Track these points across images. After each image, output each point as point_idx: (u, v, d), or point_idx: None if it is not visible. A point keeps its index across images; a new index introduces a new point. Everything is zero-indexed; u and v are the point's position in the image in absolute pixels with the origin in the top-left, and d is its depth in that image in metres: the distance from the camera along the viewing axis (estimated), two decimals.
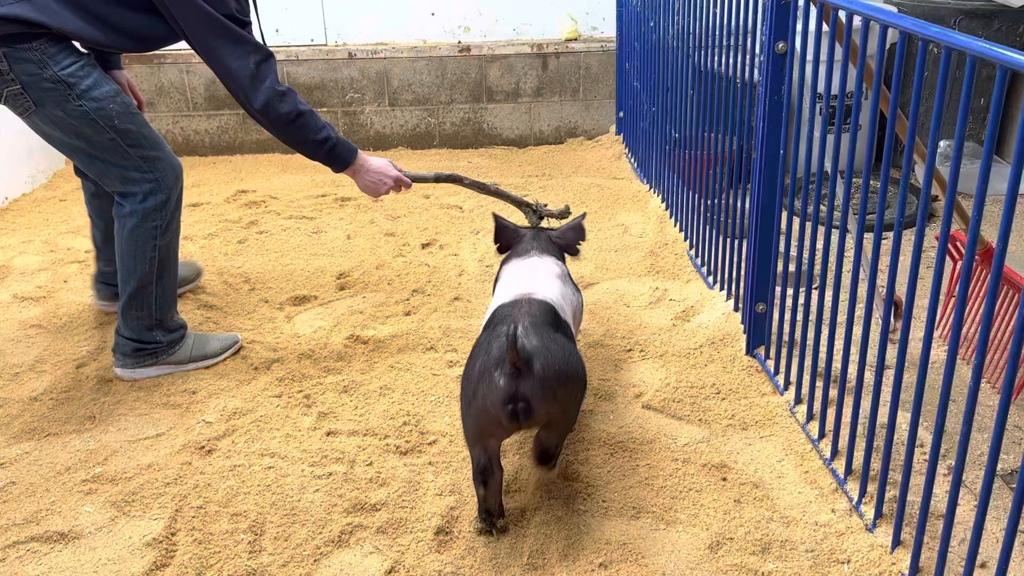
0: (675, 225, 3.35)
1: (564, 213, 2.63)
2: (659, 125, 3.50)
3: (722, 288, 2.79)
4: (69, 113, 2.16)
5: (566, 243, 2.34)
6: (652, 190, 3.73)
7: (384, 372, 2.48)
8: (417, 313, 2.83)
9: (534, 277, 2.08)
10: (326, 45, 4.34)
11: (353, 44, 4.35)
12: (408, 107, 4.43)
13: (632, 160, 4.11)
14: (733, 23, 2.53)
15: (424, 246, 3.33)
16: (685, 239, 3.21)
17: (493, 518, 1.84)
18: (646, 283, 2.95)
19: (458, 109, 4.45)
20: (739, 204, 2.67)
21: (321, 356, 2.57)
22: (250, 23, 2.28)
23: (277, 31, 4.29)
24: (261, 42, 2.23)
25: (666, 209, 3.49)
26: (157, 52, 4.24)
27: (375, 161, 2.44)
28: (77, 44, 2.21)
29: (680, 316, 2.73)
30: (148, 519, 1.92)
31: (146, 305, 2.41)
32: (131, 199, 2.30)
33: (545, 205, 2.63)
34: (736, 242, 2.65)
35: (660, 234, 3.31)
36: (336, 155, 2.35)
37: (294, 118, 2.23)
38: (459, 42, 4.36)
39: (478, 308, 2.83)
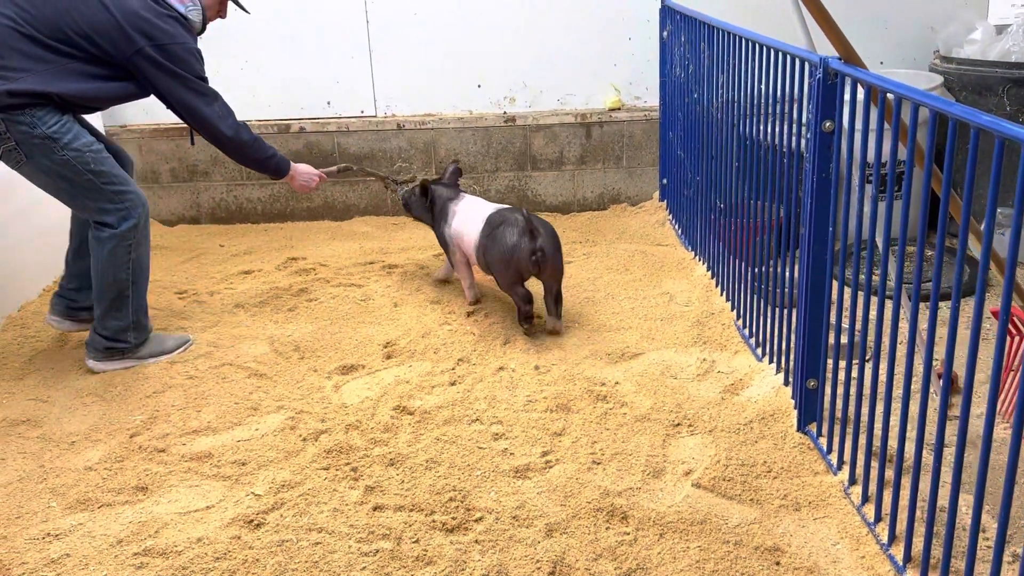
0: (721, 294, 3.33)
1: (413, 179, 3.68)
2: (704, 193, 3.51)
3: (771, 360, 2.76)
4: (55, 161, 2.68)
5: (455, 181, 3.58)
6: (697, 258, 3.72)
7: (430, 444, 2.48)
8: (463, 383, 2.83)
9: (483, 202, 3.38)
10: (375, 116, 4.46)
11: (401, 115, 4.46)
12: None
13: (676, 227, 4.12)
14: (777, 94, 2.55)
15: (469, 314, 3.35)
16: (732, 309, 3.19)
17: (532, 320, 3.09)
18: (693, 354, 2.93)
19: (503, 177, 4.52)
20: (786, 273, 2.66)
21: (368, 427, 2.58)
22: (206, 76, 2.93)
23: (328, 103, 4.43)
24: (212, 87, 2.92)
25: (712, 277, 3.48)
26: None
27: (302, 167, 3.28)
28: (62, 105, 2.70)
29: (729, 389, 2.70)
30: None
31: (124, 308, 2.89)
32: (107, 226, 2.80)
33: (399, 174, 3.81)
34: (785, 313, 2.63)
35: (706, 303, 3.30)
36: (280, 166, 3.16)
37: (252, 142, 3.01)
38: (504, 112, 4.45)
39: (523, 378, 2.83)
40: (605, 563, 1.98)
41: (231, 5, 3.11)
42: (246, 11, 3.19)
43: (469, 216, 3.31)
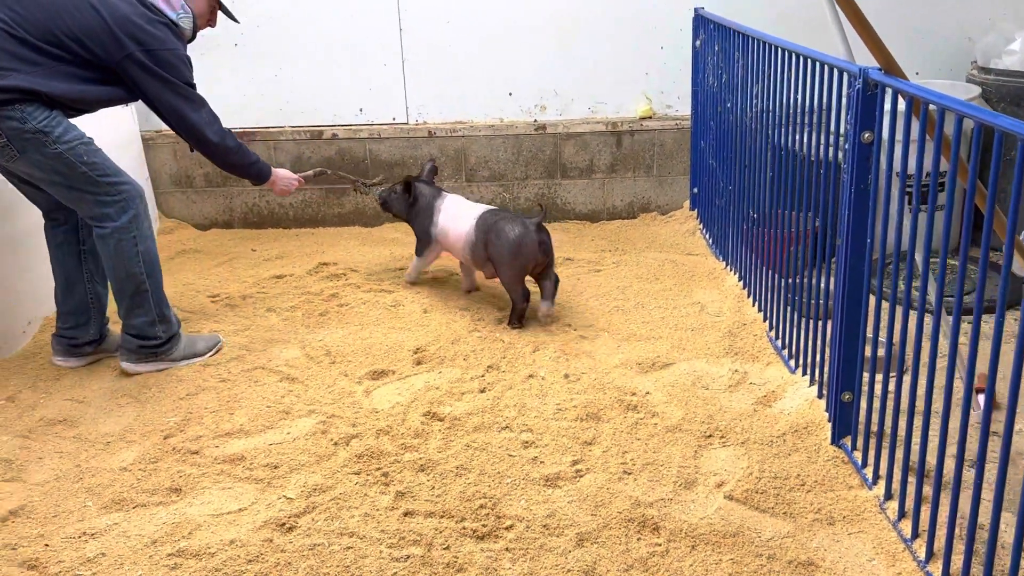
0: (753, 304, 3.31)
1: (381, 182, 3.87)
2: (736, 203, 3.49)
3: (804, 372, 2.73)
4: (47, 155, 2.69)
5: (432, 179, 3.72)
6: (728, 267, 3.70)
7: (460, 451, 2.48)
8: (492, 390, 2.83)
9: (467, 201, 3.55)
10: (407, 124, 4.49)
11: (433, 123, 4.48)
12: (484, 183, 4.52)
13: (707, 236, 4.10)
14: (814, 104, 2.53)
15: (499, 322, 3.35)
16: (764, 319, 3.16)
17: (523, 321, 3.30)
18: (725, 365, 2.91)
19: (532, 184, 4.53)
20: (820, 284, 2.63)
21: (398, 433, 2.59)
22: (194, 83, 2.95)
23: (361, 110, 4.46)
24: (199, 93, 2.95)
25: (744, 287, 3.45)
26: (247, 130, 4.45)
27: (282, 172, 3.34)
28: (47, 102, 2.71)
29: (761, 401, 2.68)
30: None
31: (146, 303, 2.92)
32: (107, 220, 2.81)
33: (368, 181, 3.84)
34: (819, 325, 2.60)
35: (738, 314, 3.27)
36: (263, 171, 3.22)
37: (237, 148, 3.07)
38: (535, 120, 4.46)
39: (552, 386, 2.82)
40: (636, 574, 1.97)
41: (220, 15, 3.12)
42: (236, 20, 3.21)
43: (457, 214, 3.47)
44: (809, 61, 2.52)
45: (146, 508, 2.28)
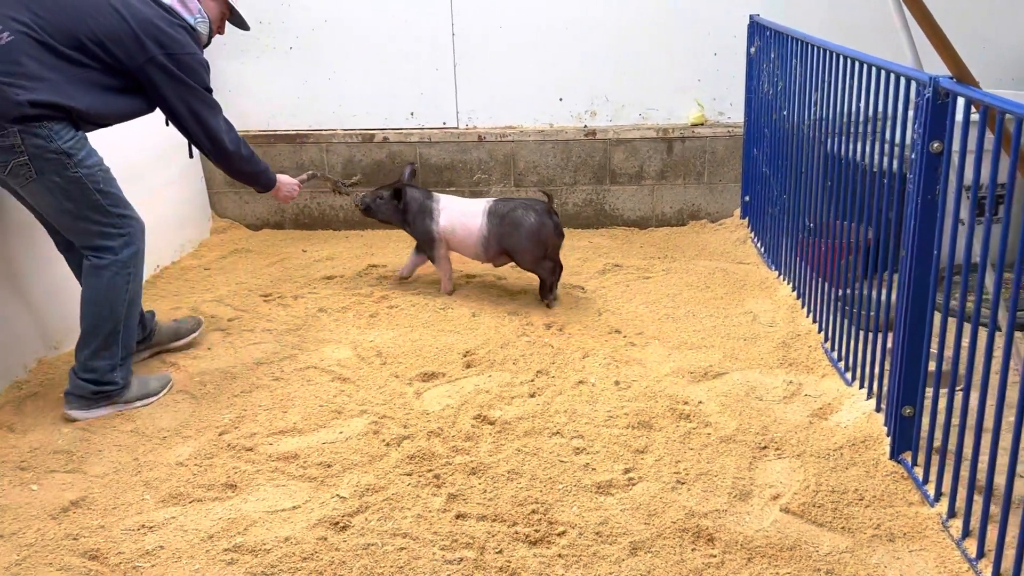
0: (808, 315, 3.26)
1: (358, 182, 4.11)
2: (790, 212, 3.45)
3: (861, 386, 2.68)
4: (65, 178, 2.57)
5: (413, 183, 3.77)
6: (781, 277, 3.65)
7: (512, 455, 2.48)
8: (542, 395, 2.83)
9: (462, 198, 3.68)
10: (457, 128, 4.51)
11: (483, 127, 4.50)
12: (532, 187, 4.52)
13: (758, 245, 4.06)
14: (878, 113, 2.49)
15: (548, 327, 3.35)
16: (819, 331, 3.12)
17: (551, 295, 3.53)
18: (779, 376, 2.87)
19: (581, 190, 4.52)
20: (878, 296, 2.58)
21: (449, 435, 2.59)
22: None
23: (412, 114, 4.49)
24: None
25: (797, 298, 3.40)
26: (301, 132, 4.51)
27: (285, 178, 3.29)
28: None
29: (817, 413, 2.63)
30: None
31: (114, 345, 2.75)
32: (108, 252, 2.69)
33: (342, 181, 3.92)
34: (879, 337, 2.56)
35: (792, 324, 3.23)
36: (271, 179, 3.18)
37: (250, 156, 3.02)
38: (585, 126, 4.45)
39: (603, 393, 2.81)
40: None
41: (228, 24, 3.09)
42: (246, 28, 3.14)
43: (463, 211, 3.56)
44: (874, 69, 2.48)
45: (202, 503, 2.31)
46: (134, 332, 2.87)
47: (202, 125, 2.82)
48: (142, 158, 3.91)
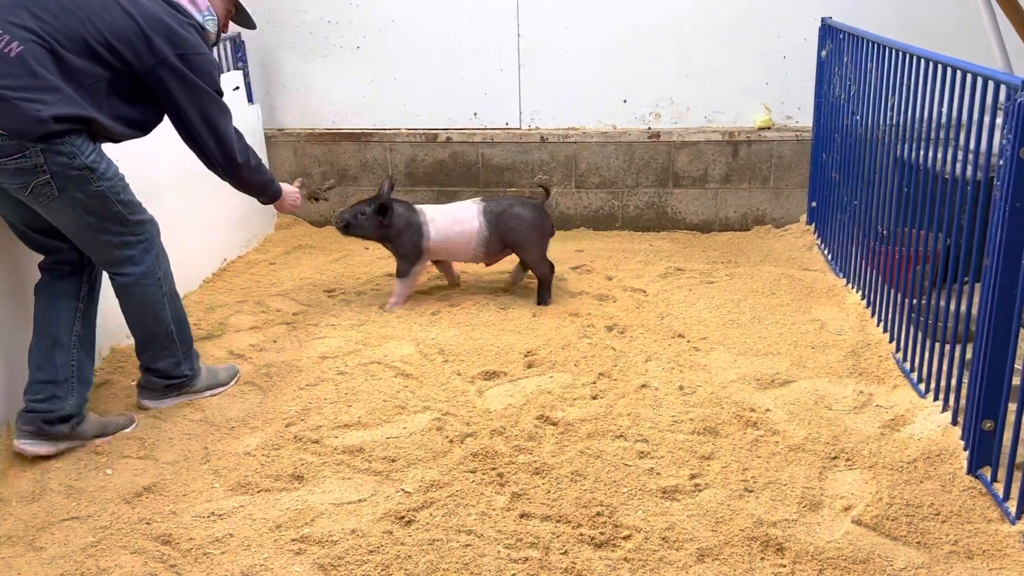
0: (878, 325, 3.18)
1: (333, 186, 3.73)
2: (861, 219, 3.37)
3: (936, 398, 2.61)
4: (88, 194, 2.43)
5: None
6: (849, 285, 3.57)
7: (575, 457, 2.46)
8: (604, 397, 2.81)
9: (446, 205, 3.63)
10: (520, 129, 4.51)
11: (545, 128, 4.49)
12: (593, 189, 4.50)
13: (825, 252, 3.97)
14: (962, 117, 2.42)
15: (609, 329, 3.33)
16: (891, 340, 3.04)
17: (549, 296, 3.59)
18: (848, 385, 2.81)
19: (643, 193, 4.48)
20: (955, 307, 2.51)
21: (512, 434, 2.59)
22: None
23: (475, 114, 4.51)
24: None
25: (867, 307, 3.33)
26: (366, 131, 4.56)
27: (288, 187, 3.09)
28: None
29: (889, 425, 2.57)
30: None
31: (172, 344, 2.73)
32: (129, 265, 2.59)
33: (320, 187, 3.60)
34: (957, 349, 2.48)
35: (861, 333, 3.15)
36: (277, 190, 2.97)
37: (258, 165, 2.82)
38: (649, 128, 4.42)
39: (667, 397, 2.77)
40: None
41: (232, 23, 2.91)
42: (252, 26, 2.99)
43: (454, 218, 3.53)
44: (959, 72, 2.41)
45: (270, 493, 2.35)
46: (186, 323, 2.82)
47: (214, 132, 2.61)
48: None
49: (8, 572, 2.07)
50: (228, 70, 4.29)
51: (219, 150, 2.65)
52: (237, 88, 4.25)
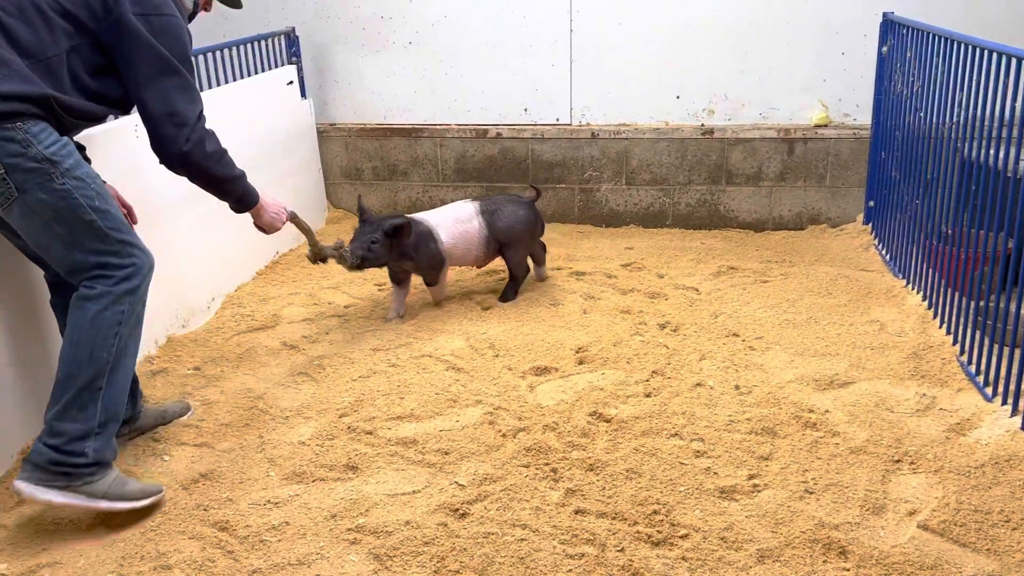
0: (940, 327, 3.10)
1: (340, 246, 3.13)
2: (922, 219, 3.29)
3: (1004, 402, 2.53)
4: (52, 194, 2.05)
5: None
6: (909, 286, 3.48)
7: (629, 454, 2.44)
8: (658, 395, 2.77)
9: (440, 210, 3.51)
10: (571, 125, 4.48)
11: (596, 124, 4.46)
12: (644, 186, 4.46)
13: (883, 252, 3.88)
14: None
15: (661, 327, 3.29)
16: (954, 343, 2.95)
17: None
18: (910, 388, 2.74)
19: (695, 190, 4.43)
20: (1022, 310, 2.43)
21: (565, 430, 2.57)
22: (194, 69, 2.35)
23: (526, 110, 4.50)
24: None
25: (928, 308, 3.24)
26: (416, 126, 4.57)
27: (272, 201, 2.57)
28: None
29: (954, 428, 2.50)
30: None
31: (91, 404, 2.11)
32: (103, 281, 2.13)
33: (334, 249, 3.10)
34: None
35: (923, 335, 3.07)
36: (244, 192, 2.45)
37: (217, 154, 2.31)
38: (702, 125, 4.36)
39: (722, 396, 2.73)
40: None
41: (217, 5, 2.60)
42: (238, 5, 2.63)
43: (456, 220, 3.42)
44: None
45: (325, 482, 2.36)
46: (123, 396, 2.20)
47: (164, 101, 2.18)
48: (270, 143, 4.03)
49: (71, 554, 2.11)
50: (282, 64, 4.33)
51: (168, 123, 2.19)
52: (291, 82, 4.29)
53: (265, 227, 2.61)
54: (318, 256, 3.05)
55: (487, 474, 2.35)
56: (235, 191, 2.42)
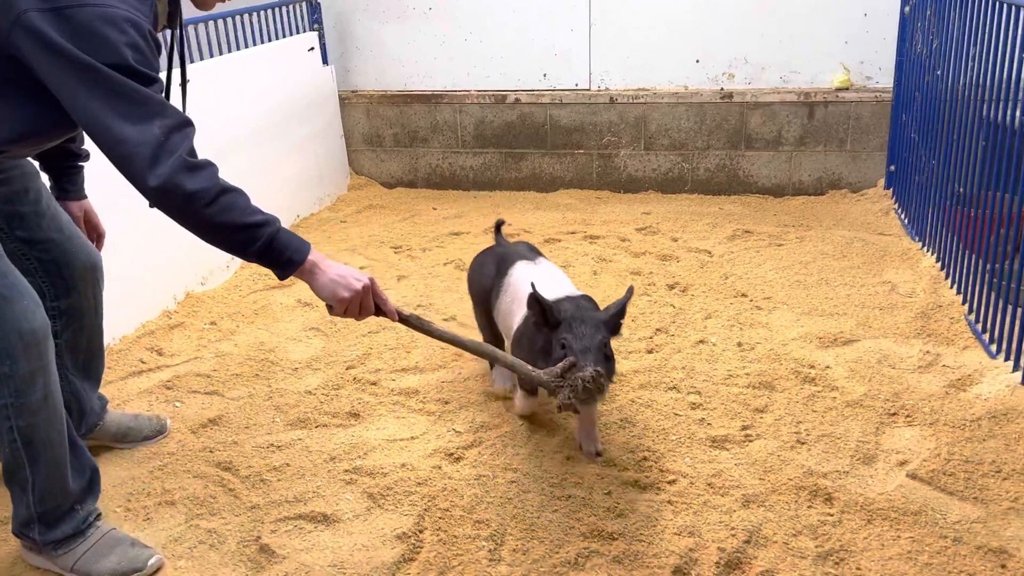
0: (952, 287, 3.06)
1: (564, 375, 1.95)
2: (939, 180, 3.24)
3: (1007, 358, 2.50)
4: None
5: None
6: (925, 248, 3.44)
7: (625, 405, 2.47)
8: (660, 352, 2.79)
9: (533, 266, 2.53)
10: (589, 90, 4.48)
11: (615, 89, 4.45)
12: (663, 151, 4.45)
13: (902, 216, 3.83)
14: None
15: (670, 287, 3.30)
16: (964, 302, 2.92)
17: None
18: (915, 346, 2.72)
19: (714, 155, 4.40)
20: None
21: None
22: (159, 79, 1.64)
23: (545, 75, 4.50)
24: (177, 107, 1.65)
25: (941, 269, 3.20)
26: (436, 92, 4.61)
27: (336, 265, 1.77)
28: None
29: (955, 384, 2.48)
30: (400, 514, 2.03)
31: (24, 494, 1.82)
32: None
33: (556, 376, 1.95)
34: None
35: (933, 295, 3.04)
36: (279, 246, 1.68)
37: (215, 195, 1.60)
38: (721, 89, 4.33)
39: (724, 353, 2.74)
40: (805, 540, 1.89)
41: None
42: None
43: (523, 286, 2.34)
44: None
45: (327, 428, 2.43)
46: (61, 482, 1.84)
47: (108, 132, 1.56)
48: (291, 109, 4.11)
49: None
50: (303, 31, 4.39)
51: (115, 154, 1.58)
52: (312, 48, 4.35)
53: (329, 300, 1.78)
54: (526, 388, 2.29)
55: (484, 422, 2.40)
56: (248, 243, 1.66)
